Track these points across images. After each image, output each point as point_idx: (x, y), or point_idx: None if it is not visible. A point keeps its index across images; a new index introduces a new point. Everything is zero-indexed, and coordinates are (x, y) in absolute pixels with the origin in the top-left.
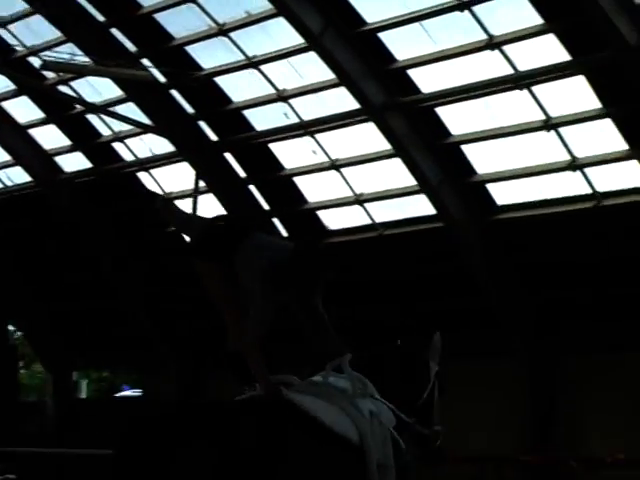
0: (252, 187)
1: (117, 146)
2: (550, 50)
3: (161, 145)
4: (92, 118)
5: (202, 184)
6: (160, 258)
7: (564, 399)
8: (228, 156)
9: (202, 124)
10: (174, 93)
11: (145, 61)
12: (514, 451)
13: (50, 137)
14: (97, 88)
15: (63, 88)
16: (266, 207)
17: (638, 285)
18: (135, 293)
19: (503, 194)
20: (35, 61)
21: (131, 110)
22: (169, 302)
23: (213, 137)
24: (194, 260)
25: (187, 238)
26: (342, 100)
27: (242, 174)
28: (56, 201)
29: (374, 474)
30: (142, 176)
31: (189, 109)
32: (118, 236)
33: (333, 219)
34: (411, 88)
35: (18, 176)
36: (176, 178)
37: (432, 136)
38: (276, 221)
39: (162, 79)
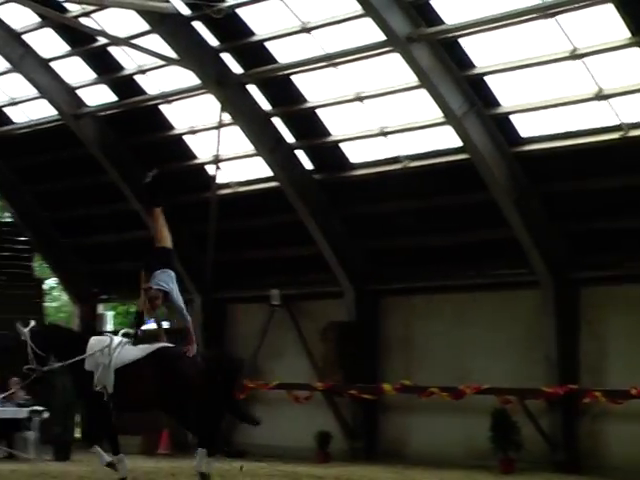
0: (276, 119)
1: (141, 79)
2: None
3: (184, 78)
4: (116, 51)
5: (226, 117)
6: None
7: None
8: (252, 88)
9: (226, 56)
10: (198, 25)
11: None
12: None
13: (74, 70)
14: (120, 20)
15: (86, 20)
16: (290, 140)
17: None
18: None
19: (528, 125)
20: None
21: (155, 43)
22: (191, 236)
23: (237, 69)
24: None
25: None
26: (367, 32)
27: (266, 106)
28: (80, 135)
29: None
30: (166, 109)
31: (212, 41)
32: (142, 169)
33: (357, 152)
34: (436, 19)
35: (42, 110)
36: (200, 111)
37: (457, 67)
38: (300, 153)
39: (185, 11)
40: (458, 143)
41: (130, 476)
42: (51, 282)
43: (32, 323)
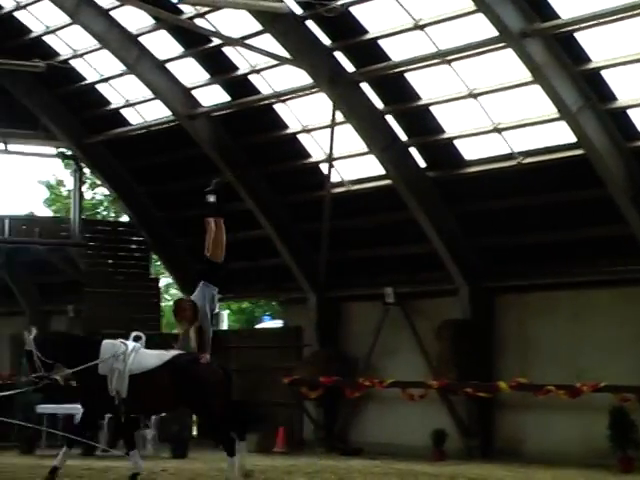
0: (389, 117)
1: (254, 79)
2: None
3: (298, 77)
4: (229, 51)
5: (339, 115)
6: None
7: None
8: (365, 86)
9: (338, 55)
10: (310, 24)
11: None
12: None
13: (188, 71)
14: (233, 21)
15: (200, 21)
16: (403, 137)
17: None
18: (273, 224)
19: None
20: None
21: (268, 42)
22: (305, 234)
23: (350, 68)
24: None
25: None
26: (480, 28)
27: (379, 104)
28: (194, 135)
29: None
30: (279, 108)
31: (325, 40)
32: (255, 168)
33: (471, 149)
34: (550, 13)
35: (157, 111)
36: (313, 110)
37: (572, 62)
38: (413, 151)
39: (298, 10)
40: (573, 139)
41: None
42: (167, 281)
43: (34, 332)
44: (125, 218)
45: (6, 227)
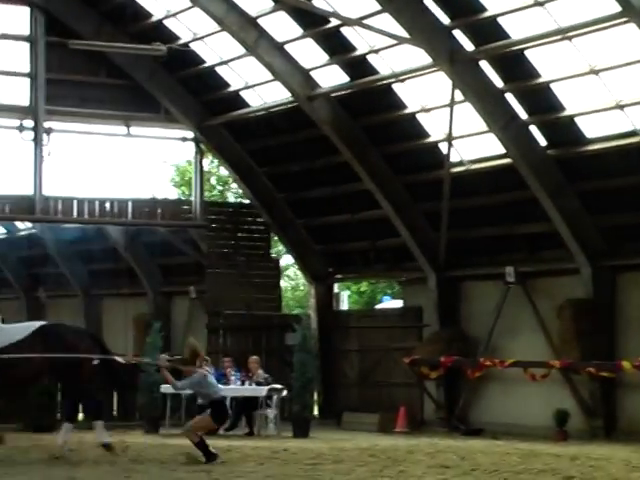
0: (509, 95)
1: (373, 59)
2: None
3: (416, 56)
4: (348, 31)
5: (458, 94)
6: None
7: None
8: (484, 65)
9: (457, 33)
10: (429, 3)
11: None
12: None
13: (306, 52)
14: (352, 1)
15: (319, 2)
16: (524, 116)
17: None
18: (392, 204)
19: None
20: None
21: (386, 22)
22: (424, 214)
23: (468, 46)
24: None
25: None
26: (601, 3)
27: (498, 83)
28: (313, 116)
29: None
30: (398, 88)
31: (444, 19)
32: (374, 149)
33: (593, 126)
34: None
35: (276, 93)
36: (432, 89)
37: None
38: (534, 129)
39: None
40: None
41: (367, 453)
42: (287, 262)
43: None
44: (246, 200)
45: (129, 210)
